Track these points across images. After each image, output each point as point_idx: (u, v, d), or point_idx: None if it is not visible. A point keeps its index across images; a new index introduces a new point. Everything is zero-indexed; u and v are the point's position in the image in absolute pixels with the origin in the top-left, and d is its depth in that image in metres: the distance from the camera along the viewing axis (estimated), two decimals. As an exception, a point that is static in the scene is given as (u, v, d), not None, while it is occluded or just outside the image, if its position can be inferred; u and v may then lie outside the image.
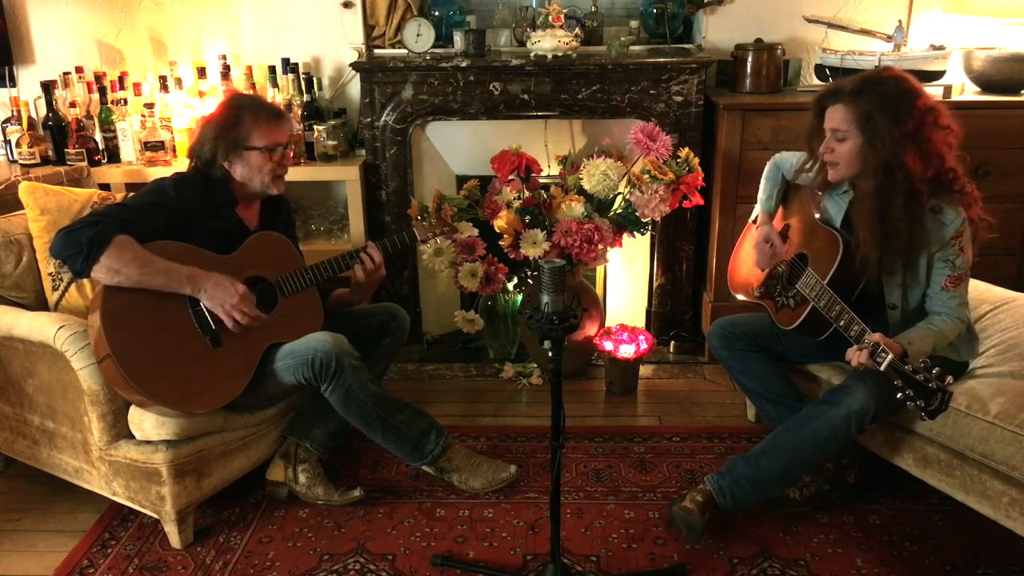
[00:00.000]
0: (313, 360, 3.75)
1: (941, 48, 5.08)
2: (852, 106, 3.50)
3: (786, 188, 4.27)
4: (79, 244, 3.42)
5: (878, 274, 3.64)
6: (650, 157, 4.86)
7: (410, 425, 4.04)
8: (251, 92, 5.27)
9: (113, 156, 5.35)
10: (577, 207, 4.88)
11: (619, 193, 5.01)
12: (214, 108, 4.06)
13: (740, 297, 4.42)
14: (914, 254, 3.58)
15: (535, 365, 5.47)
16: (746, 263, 4.36)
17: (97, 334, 3.47)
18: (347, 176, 5.40)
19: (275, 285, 3.93)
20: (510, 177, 5.01)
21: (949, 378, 3.15)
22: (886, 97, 3.45)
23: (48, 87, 5.29)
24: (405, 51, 5.38)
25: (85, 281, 4.04)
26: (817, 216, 3.96)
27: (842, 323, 3.53)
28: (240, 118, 3.83)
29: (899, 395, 3.20)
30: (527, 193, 5.00)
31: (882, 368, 3.27)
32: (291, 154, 4.06)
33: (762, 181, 4.32)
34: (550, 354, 3.08)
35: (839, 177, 3.67)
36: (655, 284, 5.70)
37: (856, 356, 3.38)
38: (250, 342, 3.79)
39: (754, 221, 4.37)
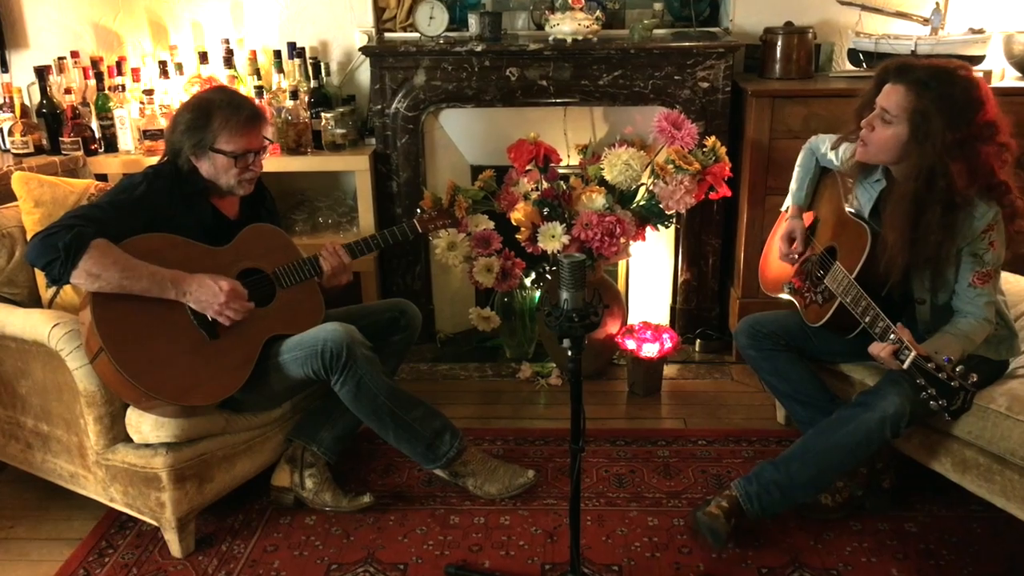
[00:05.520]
0: (323, 351, 3.75)
1: (980, 32, 5.06)
2: (912, 95, 3.43)
3: (818, 178, 4.26)
4: (56, 250, 3.39)
5: (902, 276, 3.62)
6: (675, 146, 4.84)
7: (424, 424, 4.03)
8: (232, 87, 5.22)
9: (110, 145, 5.35)
10: (598, 199, 4.87)
11: (642, 184, 4.99)
12: (191, 96, 4.05)
13: (781, 296, 4.38)
14: (942, 257, 3.56)
15: (554, 365, 5.46)
16: (777, 259, 4.33)
17: (89, 329, 3.47)
18: (356, 166, 5.39)
19: (272, 277, 3.94)
20: (527, 167, 5.00)
21: (973, 376, 3.13)
22: (949, 99, 3.38)
23: (42, 73, 5.29)
24: (417, 35, 5.37)
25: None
26: (847, 208, 3.95)
27: (867, 319, 3.51)
28: (211, 118, 3.79)
29: (922, 394, 3.19)
30: (545, 184, 5.00)
31: (904, 366, 3.25)
32: (265, 157, 4.05)
33: (796, 168, 4.31)
34: (569, 353, 3.06)
35: (865, 158, 3.65)
36: (680, 280, 5.69)
37: (879, 350, 3.38)
38: (249, 334, 3.79)
39: (786, 211, 4.35)
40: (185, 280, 3.60)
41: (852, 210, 3.92)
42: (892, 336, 3.35)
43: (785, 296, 4.26)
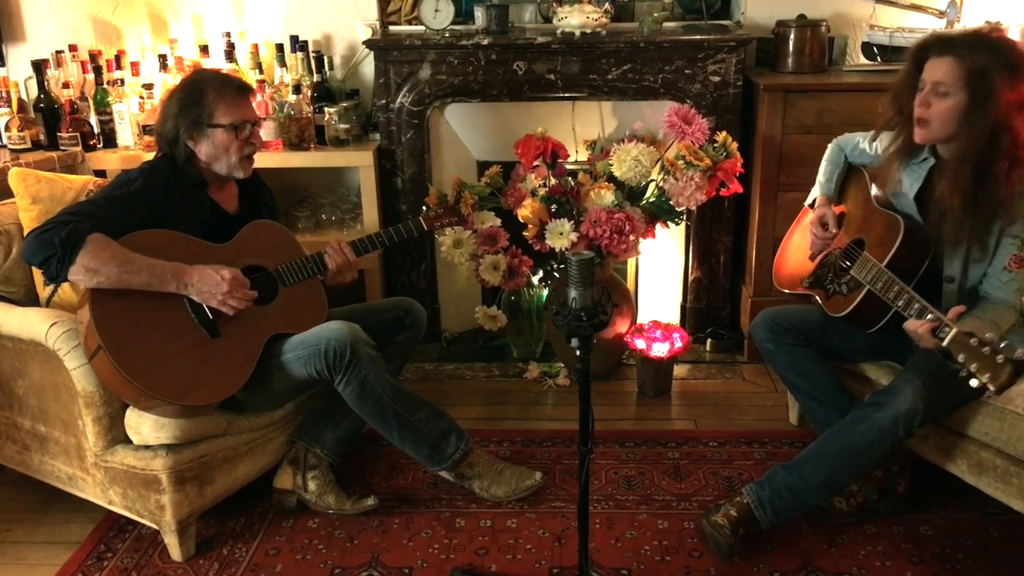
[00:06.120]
0: (326, 350, 3.74)
1: (997, 24, 5.04)
2: (965, 60, 3.41)
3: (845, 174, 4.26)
4: (52, 246, 3.39)
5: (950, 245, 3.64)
6: (685, 142, 4.83)
7: (429, 425, 4.02)
8: (224, 70, 5.21)
9: (109, 140, 5.35)
10: (607, 195, 4.86)
11: (652, 180, 4.99)
12: (175, 83, 4.06)
13: (786, 290, 4.37)
14: (992, 225, 3.56)
15: (562, 365, 5.45)
16: (795, 255, 4.32)
17: (87, 327, 3.46)
18: (360, 162, 5.39)
19: (275, 274, 3.94)
20: (535, 163, 4.99)
21: (1019, 351, 3.08)
22: (1003, 57, 3.37)
23: (39, 66, 5.27)
24: (422, 28, 5.36)
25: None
26: (875, 200, 3.96)
27: (900, 303, 3.49)
28: (203, 93, 3.80)
29: (962, 372, 3.14)
30: (553, 180, 4.98)
31: (945, 343, 3.22)
32: (260, 131, 4.04)
33: (822, 164, 4.29)
34: (578, 353, 3.04)
35: (927, 138, 3.60)
36: (690, 278, 5.68)
37: (916, 326, 3.35)
38: (250, 332, 3.79)
39: (810, 206, 4.32)
40: (185, 272, 3.60)
41: (888, 200, 3.94)
42: (930, 316, 3.34)
43: (803, 291, 4.24)
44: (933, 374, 3.46)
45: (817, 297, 4.10)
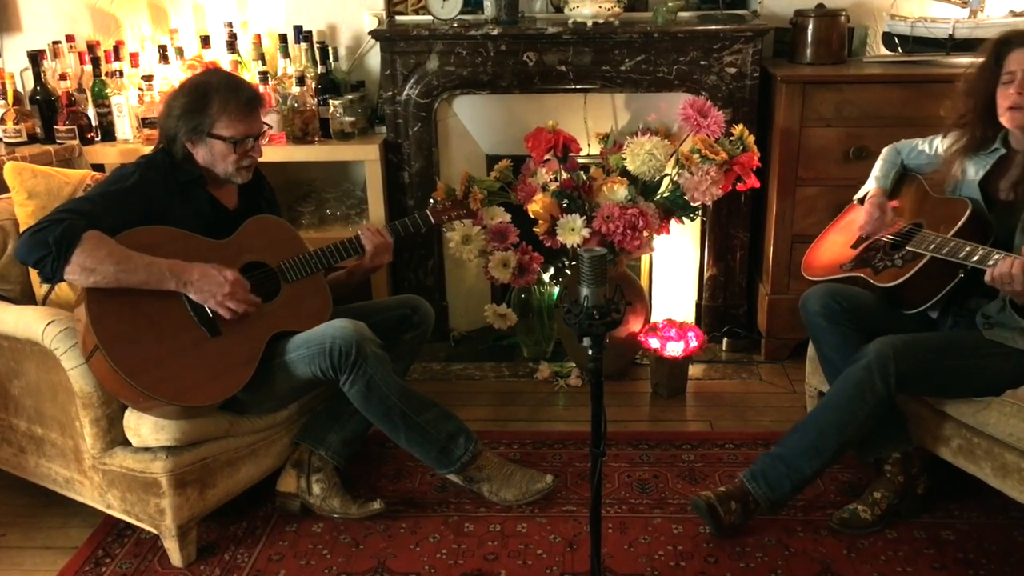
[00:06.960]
0: (331, 349, 3.73)
1: (1022, 15, 5.02)
2: None
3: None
4: (46, 245, 3.37)
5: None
6: (700, 135, 4.82)
7: (437, 426, 4.01)
8: (230, 70, 5.22)
9: (108, 134, 5.35)
10: (620, 190, 4.85)
11: (666, 175, 4.98)
12: (185, 78, 4.04)
13: (816, 279, 4.32)
14: None
15: (573, 365, 5.44)
16: (831, 249, 4.30)
17: (85, 326, 3.45)
18: (366, 156, 5.37)
19: (277, 271, 3.93)
20: (546, 157, 4.98)
21: None
22: None
23: (36, 58, 5.28)
24: (430, 18, 5.34)
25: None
26: (933, 192, 4.05)
27: (976, 258, 3.51)
28: (208, 101, 3.77)
29: None
30: (564, 175, 4.98)
31: None
32: (263, 143, 4.03)
33: (878, 162, 4.32)
34: (590, 352, 3.03)
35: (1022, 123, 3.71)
36: (706, 275, 5.67)
37: (1006, 266, 3.39)
38: (252, 331, 3.77)
39: (859, 201, 4.31)
40: (186, 269, 3.58)
41: (946, 193, 4.01)
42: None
43: (843, 275, 4.20)
44: (916, 336, 3.66)
45: (862, 275, 4.07)
